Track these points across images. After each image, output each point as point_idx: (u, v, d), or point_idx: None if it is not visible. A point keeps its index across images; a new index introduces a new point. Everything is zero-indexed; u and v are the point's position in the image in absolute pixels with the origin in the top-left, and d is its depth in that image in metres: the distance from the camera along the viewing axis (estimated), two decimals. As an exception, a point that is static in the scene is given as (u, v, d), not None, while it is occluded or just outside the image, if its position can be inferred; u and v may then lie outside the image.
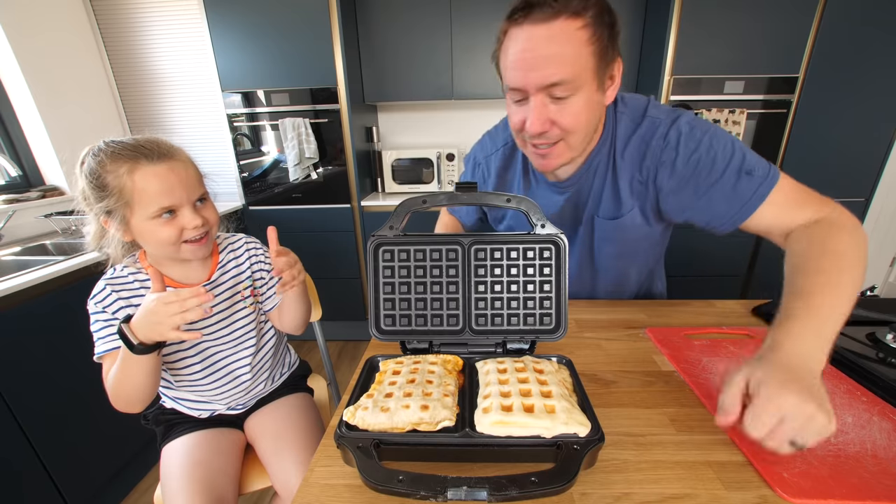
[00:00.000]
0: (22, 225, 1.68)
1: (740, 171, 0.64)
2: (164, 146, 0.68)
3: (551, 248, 0.59)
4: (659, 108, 0.70)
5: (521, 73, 0.59)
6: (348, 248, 2.22)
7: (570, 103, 0.61)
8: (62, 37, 1.96)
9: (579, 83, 0.59)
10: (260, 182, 2.16)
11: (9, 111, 1.81)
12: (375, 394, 0.48)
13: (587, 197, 0.78)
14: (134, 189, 0.64)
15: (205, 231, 0.72)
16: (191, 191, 0.69)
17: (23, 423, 1.11)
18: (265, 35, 1.91)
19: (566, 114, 0.62)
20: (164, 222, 0.67)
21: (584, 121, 0.64)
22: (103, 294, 0.71)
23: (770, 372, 0.43)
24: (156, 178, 0.65)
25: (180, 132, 2.26)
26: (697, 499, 0.40)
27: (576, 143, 0.67)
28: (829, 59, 1.85)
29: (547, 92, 0.60)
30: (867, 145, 1.97)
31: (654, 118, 0.69)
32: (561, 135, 0.64)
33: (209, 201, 0.74)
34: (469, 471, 0.43)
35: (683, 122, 0.67)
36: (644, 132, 0.69)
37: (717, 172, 0.65)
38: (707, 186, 0.66)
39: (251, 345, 0.83)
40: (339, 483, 0.44)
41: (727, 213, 0.66)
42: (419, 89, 2.18)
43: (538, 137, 0.65)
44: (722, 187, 0.65)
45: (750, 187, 0.64)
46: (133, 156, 0.64)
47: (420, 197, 0.59)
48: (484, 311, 0.61)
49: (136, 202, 0.65)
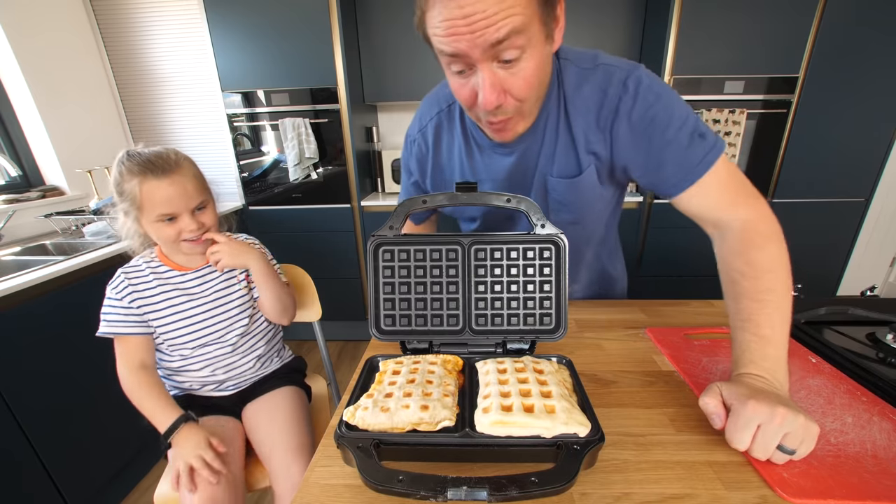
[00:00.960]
0: (22, 225, 1.68)
1: (693, 133, 0.60)
2: (172, 161, 0.81)
3: (551, 248, 0.59)
4: (611, 58, 0.65)
5: (461, 37, 0.49)
6: (348, 248, 2.22)
7: (522, 67, 0.53)
8: (62, 37, 1.96)
9: (529, 34, 0.50)
10: (260, 182, 2.16)
11: (9, 111, 1.81)
12: (375, 394, 0.48)
13: (537, 156, 0.71)
14: (142, 198, 0.79)
15: (201, 233, 0.85)
16: (188, 201, 0.82)
17: (23, 423, 1.11)
18: (265, 35, 1.91)
19: (518, 80, 0.54)
20: (166, 225, 0.82)
21: (538, 81, 0.57)
22: (118, 281, 0.85)
23: (739, 389, 0.46)
24: (158, 190, 0.79)
25: (180, 132, 2.26)
26: (697, 499, 0.40)
27: (530, 108, 0.62)
28: (829, 59, 1.85)
29: (493, 54, 0.51)
30: (867, 145, 1.97)
31: (610, 65, 0.63)
32: (517, 106, 0.58)
33: (209, 207, 0.87)
34: (469, 471, 0.43)
35: (644, 73, 0.62)
36: (600, 80, 0.63)
37: (672, 130, 0.61)
38: (662, 145, 0.62)
39: (242, 324, 0.92)
40: (339, 483, 0.44)
41: (674, 175, 0.62)
42: (419, 89, 2.18)
43: (493, 114, 0.59)
44: (675, 148, 0.61)
45: (700, 152, 0.60)
46: (142, 170, 0.79)
47: (420, 197, 0.59)
48: (484, 311, 0.61)
49: (144, 208, 0.80)
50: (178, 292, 0.87)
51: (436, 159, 0.80)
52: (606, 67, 0.63)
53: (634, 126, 0.63)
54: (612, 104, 0.63)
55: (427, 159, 0.81)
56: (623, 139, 0.64)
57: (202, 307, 0.88)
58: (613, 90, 0.62)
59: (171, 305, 0.86)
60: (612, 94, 0.62)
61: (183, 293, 0.87)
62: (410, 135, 0.84)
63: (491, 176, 0.76)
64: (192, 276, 0.89)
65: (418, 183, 0.86)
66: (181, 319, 0.87)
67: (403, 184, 0.92)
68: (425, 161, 0.81)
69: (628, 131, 0.63)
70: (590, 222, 0.80)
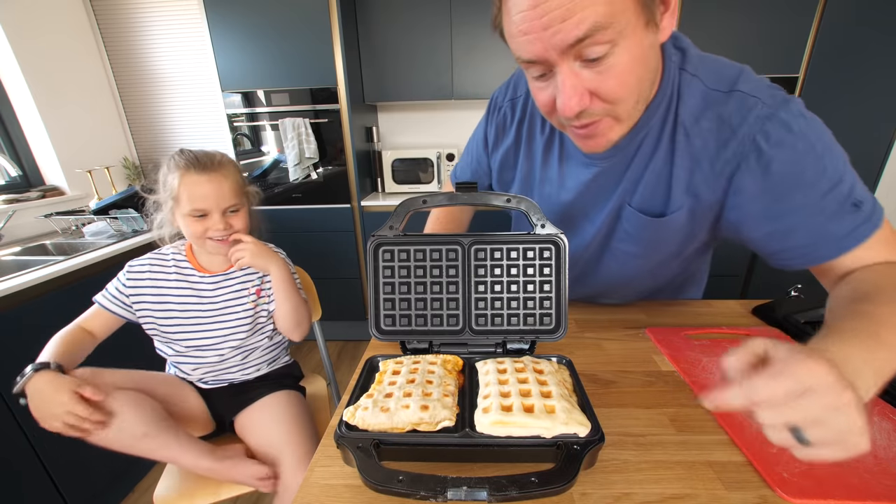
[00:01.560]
0: (22, 225, 1.68)
1: (846, 201, 0.47)
2: (216, 160, 0.85)
3: (551, 248, 0.59)
4: (756, 84, 0.51)
5: (534, 35, 0.42)
6: (348, 248, 2.22)
7: (612, 63, 0.43)
8: (62, 37, 1.96)
9: (619, 26, 0.41)
10: (260, 182, 2.16)
11: (9, 111, 1.81)
12: (375, 394, 0.48)
13: (621, 176, 0.59)
14: (179, 190, 0.82)
15: (227, 234, 0.87)
16: (221, 201, 0.84)
17: (23, 423, 1.11)
18: (265, 35, 1.91)
19: (609, 79, 0.44)
20: (196, 220, 0.84)
21: (636, 79, 0.46)
22: (139, 264, 0.88)
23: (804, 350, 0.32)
24: (195, 186, 0.82)
25: (180, 132, 2.27)
26: (697, 499, 0.40)
27: (627, 111, 0.49)
28: (828, 59, 1.85)
29: (576, 54, 0.43)
30: (867, 145, 1.97)
31: (749, 95, 0.49)
32: (607, 109, 0.48)
33: (241, 212, 0.89)
34: (469, 471, 0.43)
35: (796, 114, 0.48)
36: (731, 113, 0.50)
37: (817, 193, 0.47)
38: (797, 208, 0.49)
39: (239, 338, 0.92)
40: (339, 483, 0.44)
41: (804, 247, 0.50)
42: (419, 89, 2.18)
43: (578, 117, 0.49)
44: (816, 214, 0.48)
45: (850, 223, 0.47)
46: (187, 165, 0.82)
47: (420, 197, 0.59)
48: (484, 311, 0.61)
49: (180, 200, 0.83)
50: (191, 291, 0.89)
51: (516, 139, 0.69)
52: (743, 98, 0.50)
53: (768, 183, 0.50)
54: (741, 150, 0.50)
55: (508, 133, 0.70)
56: (747, 194, 0.52)
57: (207, 312, 0.90)
58: (747, 131, 0.49)
59: (181, 302, 0.88)
60: (745, 136, 0.50)
61: (195, 294, 0.89)
62: (497, 100, 0.72)
63: (564, 185, 0.65)
64: (210, 279, 0.90)
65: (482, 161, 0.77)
66: (183, 318, 0.89)
67: (462, 160, 0.84)
68: (504, 134, 0.70)
69: (757, 188, 0.51)
70: (657, 266, 0.70)
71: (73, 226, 1.71)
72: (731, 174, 0.52)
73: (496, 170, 0.75)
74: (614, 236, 0.66)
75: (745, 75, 0.52)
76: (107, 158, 2.11)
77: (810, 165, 0.48)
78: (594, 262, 0.72)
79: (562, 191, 0.66)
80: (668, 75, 0.52)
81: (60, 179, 1.93)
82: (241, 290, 0.92)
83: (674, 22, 0.46)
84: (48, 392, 0.69)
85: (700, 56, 0.54)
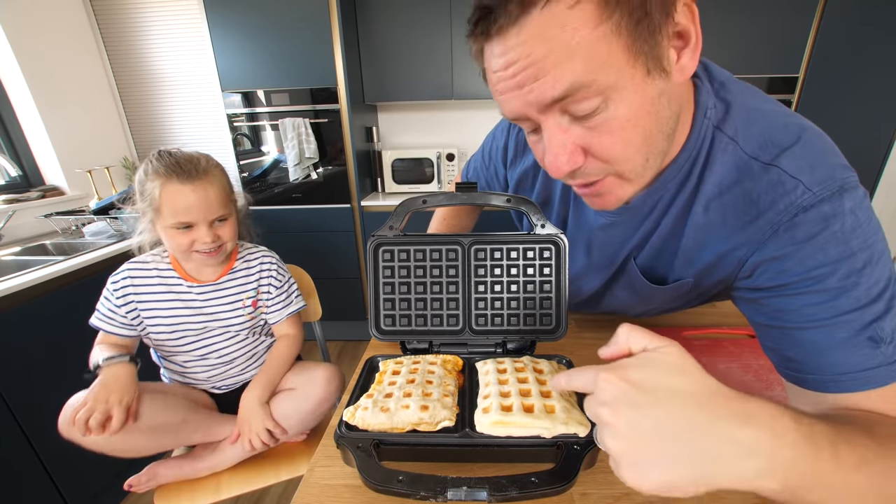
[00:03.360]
0: (22, 225, 1.68)
1: (864, 330, 0.38)
2: (200, 166, 0.78)
3: (551, 249, 0.59)
4: (808, 162, 0.40)
5: (510, 95, 0.38)
6: (348, 248, 2.22)
7: (605, 118, 0.37)
8: (62, 37, 1.96)
9: (607, 80, 0.34)
10: (260, 182, 2.16)
11: (9, 111, 1.81)
12: (375, 394, 0.48)
13: (634, 231, 0.53)
14: (161, 200, 0.76)
15: (216, 246, 0.81)
16: (208, 212, 0.78)
17: (23, 423, 1.11)
18: (265, 35, 1.91)
19: (602, 135, 0.38)
20: (180, 233, 0.78)
21: (642, 134, 0.38)
22: (119, 277, 0.83)
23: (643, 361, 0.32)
24: (179, 196, 0.75)
25: (180, 132, 2.27)
26: (697, 499, 0.40)
27: (634, 170, 0.41)
28: (829, 59, 1.85)
29: (561, 109, 0.37)
30: (867, 145, 1.97)
31: (790, 177, 0.40)
32: (605, 168, 0.41)
33: (230, 220, 0.83)
34: (469, 471, 0.43)
35: (844, 210, 0.38)
36: (761, 190, 0.41)
37: (831, 309, 0.39)
38: (807, 319, 0.40)
39: (242, 341, 0.91)
40: (339, 483, 0.44)
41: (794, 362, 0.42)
42: (419, 89, 2.18)
43: (572, 177, 0.43)
44: (825, 333, 0.39)
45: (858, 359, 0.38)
46: (168, 172, 0.75)
47: (420, 197, 0.59)
48: (484, 311, 0.61)
49: (162, 211, 0.77)
50: (179, 302, 0.85)
51: (536, 163, 0.62)
52: (781, 177, 0.40)
53: (780, 279, 0.42)
54: (760, 237, 0.42)
55: (527, 154, 0.63)
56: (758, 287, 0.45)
57: (199, 322, 0.86)
58: (773, 219, 0.41)
59: (170, 314, 0.85)
60: (767, 223, 0.41)
61: (184, 304, 0.85)
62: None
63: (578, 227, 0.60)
64: (199, 289, 0.86)
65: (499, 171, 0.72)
66: (173, 326, 0.85)
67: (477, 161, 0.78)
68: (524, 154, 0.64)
69: (769, 281, 0.43)
70: (659, 313, 0.68)
71: (73, 226, 1.71)
72: (746, 260, 0.45)
73: (513, 186, 0.70)
74: (616, 284, 0.62)
75: (799, 146, 0.41)
76: (107, 158, 2.11)
77: (837, 273, 0.38)
78: (595, 301, 0.70)
79: (580, 229, 0.61)
80: (696, 131, 0.43)
81: (60, 179, 1.93)
82: (236, 302, 0.89)
83: (696, 58, 0.38)
84: (121, 382, 0.73)
85: (750, 111, 0.44)
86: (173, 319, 0.85)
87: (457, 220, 0.89)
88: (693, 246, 0.49)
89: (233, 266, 0.89)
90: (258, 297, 0.91)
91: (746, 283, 0.46)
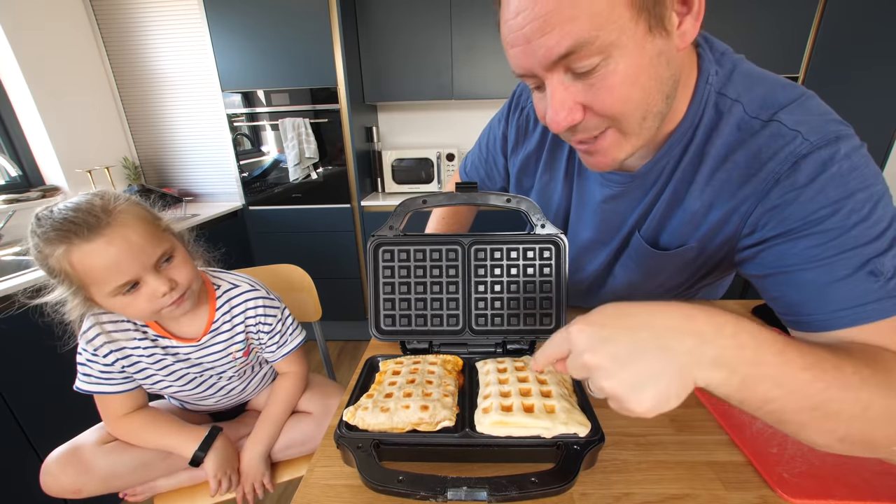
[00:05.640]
0: (22, 225, 1.67)
1: (865, 265, 0.39)
2: (97, 212, 0.59)
3: (551, 248, 0.59)
4: (807, 116, 0.44)
5: (520, 49, 0.40)
6: (348, 248, 2.22)
7: (604, 74, 0.39)
8: (62, 37, 1.95)
9: (609, 36, 0.36)
10: (260, 182, 2.16)
11: (9, 111, 1.81)
12: (375, 394, 0.48)
13: (637, 202, 0.55)
14: (78, 272, 0.59)
15: (179, 294, 0.66)
16: (144, 257, 0.61)
17: (23, 423, 1.11)
18: (265, 35, 1.91)
19: (601, 91, 0.40)
20: (130, 296, 0.62)
21: (641, 91, 0.40)
22: (92, 334, 0.70)
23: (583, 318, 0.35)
24: (95, 256, 0.58)
25: (180, 132, 2.26)
26: (697, 499, 0.40)
27: (632, 126, 0.43)
28: (829, 59, 1.85)
29: (564, 66, 0.39)
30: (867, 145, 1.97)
31: (788, 129, 0.43)
32: (603, 122, 0.43)
33: (178, 257, 0.67)
34: (469, 471, 0.43)
35: (840, 155, 0.41)
36: (762, 145, 0.44)
37: (833, 248, 0.40)
38: (808, 260, 0.41)
39: (245, 379, 0.88)
40: (339, 483, 0.44)
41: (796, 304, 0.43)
42: (419, 89, 2.18)
43: (571, 132, 0.45)
44: (826, 271, 0.40)
45: (860, 294, 0.39)
46: (63, 235, 0.57)
47: (420, 197, 0.59)
48: (484, 311, 0.61)
49: (89, 283, 0.60)
50: (171, 358, 0.76)
51: (539, 145, 0.62)
52: (780, 129, 0.43)
53: (783, 226, 0.43)
54: (762, 188, 0.44)
55: (530, 137, 0.63)
56: (758, 237, 0.46)
57: (190, 373, 0.79)
58: (774, 169, 0.43)
59: (160, 368, 0.76)
60: (769, 173, 0.44)
61: (176, 360, 0.76)
62: (520, 97, 0.65)
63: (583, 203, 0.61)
64: (186, 347, 0.76)
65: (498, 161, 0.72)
66: (166, 378, 0.78)
67: (473, 155, 0.79)
68: (526, 138, 0.64)
69: (771, 231, 0.45)
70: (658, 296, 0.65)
71: (73, 226, 1.71)
72: (748, 213, 0.46)
73: (514, 174, 0.69)
74: (620, 260, 0.63)
75: (797, 104, 0.44)
76: (107, 158, 2.11)
77: (838, 213, 0.40)
78: (598, 285, 0.70)
79: (583, 203, 0.62)
80: (698, 97, 0.46)
81: (60, 179, 1.92)
82: (227, 356, 0.80)
83: (697, 26, 0.40)
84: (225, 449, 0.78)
85: (751, 76, 0.46)
86: (165, 371, 0.76)
87: (455, 219, 0.90)
88: (700, 208, 0.50)
89: (213, 318, 0.77)
90: (249, 343, 0.82)
91: (749, 240, 0.48)
